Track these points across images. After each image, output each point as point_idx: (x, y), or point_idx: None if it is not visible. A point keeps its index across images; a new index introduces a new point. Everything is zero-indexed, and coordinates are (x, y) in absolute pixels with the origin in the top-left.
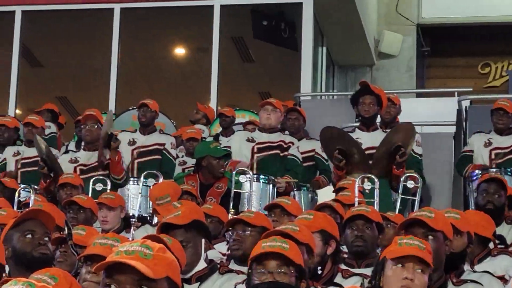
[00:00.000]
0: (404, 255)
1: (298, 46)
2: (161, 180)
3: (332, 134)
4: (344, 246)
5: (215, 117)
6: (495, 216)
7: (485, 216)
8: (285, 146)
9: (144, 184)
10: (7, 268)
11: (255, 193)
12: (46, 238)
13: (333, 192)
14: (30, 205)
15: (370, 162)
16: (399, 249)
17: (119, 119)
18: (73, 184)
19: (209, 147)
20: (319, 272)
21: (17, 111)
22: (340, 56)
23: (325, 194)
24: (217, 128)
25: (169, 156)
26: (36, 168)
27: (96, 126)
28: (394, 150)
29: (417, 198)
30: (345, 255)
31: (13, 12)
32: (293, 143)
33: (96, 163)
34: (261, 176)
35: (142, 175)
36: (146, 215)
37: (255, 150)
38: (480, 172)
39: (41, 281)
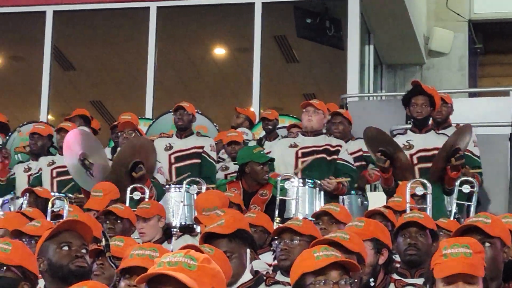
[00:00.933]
0: (452, 274)
1: (344, 45)
2: (204, 187)
3: (373, 134)
4: (397, 255)
5: (257, 119)
6: None
7: None
8: (332, 149)
9: (187, 191)
10: (41, 282)
11: (301, 199)
12: (84, 250)
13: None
14: (64, 215)
15: (424, 165)
16: (445, 265)
17: (158, 122)
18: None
19: (252, 152)
20: (372, 283)
21: (49, 117)
22: (388, 54)
23: (376, 200)
24: (259, 132)
25: (209, 159)
26: (71, 177)
27: (133, 134)
28: (452, 153)
29: (473, 203)
30: (398, 265)
31: (44, 12)
32: (341, 146)
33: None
34: (308, 180)
35: (185, 182)
36: (189, 223)
37: (299, 155)
38: None
39: None
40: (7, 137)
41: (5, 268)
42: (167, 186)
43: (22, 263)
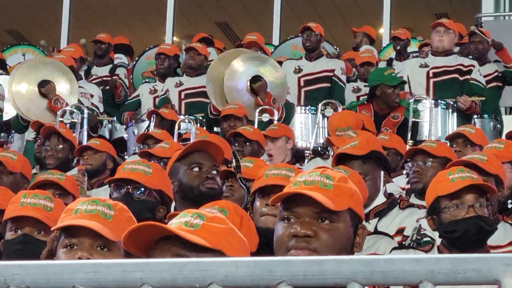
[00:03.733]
0: None
1: None
2: (340, 109)
3: None
4: None
5: (375, 34)
6: None
7: None
8: (464, 69)
9: (322, 113)
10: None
11: (434, 120)
12: (214, 172)
13: None
14: (191, 138)
15: None
16: None
17: (278, 50)
18: (236, 115)
19: (383, 74)
20: (510, 206)
21: (175, 38)
22: None
23: (510, 123)
24: (390, 53)
25: (340, 83)
26: (200, 99)
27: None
28: None
29: None
30: None
31: None
32: (474, 66)
33: None
34: (440, 101)
35: (320, 104)
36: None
37: (431, 75)
38: None
39: None
40: (135, 62)
41: (147, 191)
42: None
43: (161, 187)
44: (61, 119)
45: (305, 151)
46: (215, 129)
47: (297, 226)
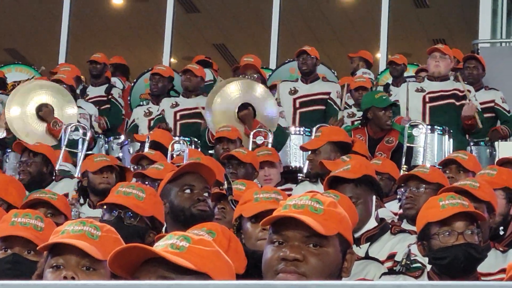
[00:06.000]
0: None
1: None
2: None
3: None
4: None
5: (372, 59)
6: None
7: None
8: (460, 94)
9: (309, 135)
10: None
11: (429, 146)
12: (206, 194)
13: None
14: (184, 159)
15: None
16: None
17: (276, 73)
18: (229, 138)
19: (374, 97)
20: (501, 233)
21: (172, 60)
22: None
23: (506, 149)
24: (386, 77)
25: (334, 106)
26: (196, 120)
27: (256, 76)
28: None
29: None
30: None
31: None
32: (469, 91)
33: None
34: (436, 127)
35: (314, 129)
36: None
37: (427, 99)
38: None
39: None
40: (133, 83)
41: (139, 217)
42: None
43: (154, 213)
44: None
45: (298, 174)
46: (210, 151)
47: (286, 250)
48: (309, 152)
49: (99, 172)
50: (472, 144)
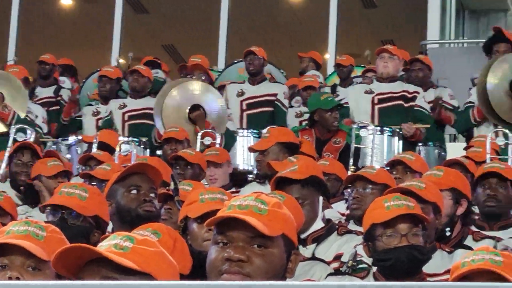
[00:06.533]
0: None
1: None
2: None
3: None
4: (476, 207)
5: (321, 59)
6: None
7: None
8: (409, 96)
9: (257, 137)
10: (110, 225)
11: (378, 147)
12: (152, 194)
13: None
14: (132, 159)
15: None
16: None
17: (224, 74)
18: (177, 138)
19: (320, 99)
20: (448, 233)
21: (121, 61)
22: None
23: (455, 151)
24: (335, 80)
25: (282, 107)
26: (144, 121)
27: (204, 77)
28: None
29: None
30: (476, 217)
31: None
32: (418, 93)
33: None
34: (385, 128)
35: (265, 131)
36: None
37: (376, 101)
38: None
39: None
40: (82, 84)
41: (82, 217)
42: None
43: (97, 212)
44: (14, 136)
45: (248, 175)
46: (158, 152)
47: (231, 250)
48: (258, 153)
49: (54, 177)
50: (420, 144)
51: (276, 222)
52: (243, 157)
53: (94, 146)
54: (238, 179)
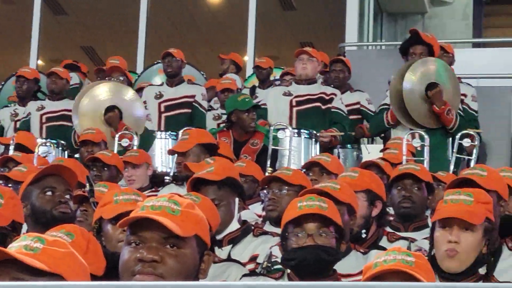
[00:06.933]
0: (448, 217)
1: None
2: None
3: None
4: (391, 208)
5: (243, 63)
6: None
7: None
8: (326, 98)
9: (175, 139)
10: (24, 227)
11: (295, 149)
12: (68, 196)
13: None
14: (50, 161)
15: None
16: (444, 209)
17: (144, 76)
18: (93, 141)
19: (237, 100)
20: (363, 235)
21: (39, 62)
22: (389, 2)
23: (372, 153)
24: (253, 82)
25: (200, 108)
26: (62, 123)
27: (122, 79)
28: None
29: (473, 157)
30: (391, 218)
31: None
32: (335, 95)
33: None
34: (303, 131)
35: (181, 132)
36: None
37: (294, 103)
38: None
39: None
40: (1, 86)
41: None
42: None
43: (14, 217)
44: None
45: (165, 177)
46: (76, 154)
47: (144, 251)
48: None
49: None
50: (339, 146)
51: (189, 222)
52: (161, 159)
53: (11, 148)
54: (157, 181)
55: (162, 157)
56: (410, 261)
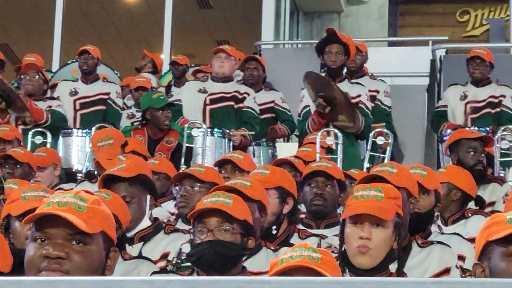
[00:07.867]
0: (358, 213)
1: None
2: None
3: (317, 79)
4: (302, 205)
5: (162, 65)
6: (482, 176)
7: (469, 174)
8: (239, 97)
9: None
10: None
11: (209, 148)
12: None
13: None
14: None
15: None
16: (354, 205)
17: (59, 74)
18: (5, 139)
19: (151, 98)
20: (274, 232)
21: None
22: (305, 1)
23: (288, 151)
24: (169, 78)
25: (114, 106)
26: None
27: (37, 76)
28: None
29: (387, 155)
30: (303, 215)
31: None
32: (248, 94)
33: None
34: (216, 130)
35: (94, 128)
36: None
37: (207, 101)
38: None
39: None
40: None
41: None
42: (70, 131)
43: None
44: None
45: (77, 174)
46: None
47: (49, 248)
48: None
49: None
50: (254, 144)
51: (95, 219)
52: (77, 157)
53: None
54: (72, 179)
55: (78, 154)
56: (316, 257)
